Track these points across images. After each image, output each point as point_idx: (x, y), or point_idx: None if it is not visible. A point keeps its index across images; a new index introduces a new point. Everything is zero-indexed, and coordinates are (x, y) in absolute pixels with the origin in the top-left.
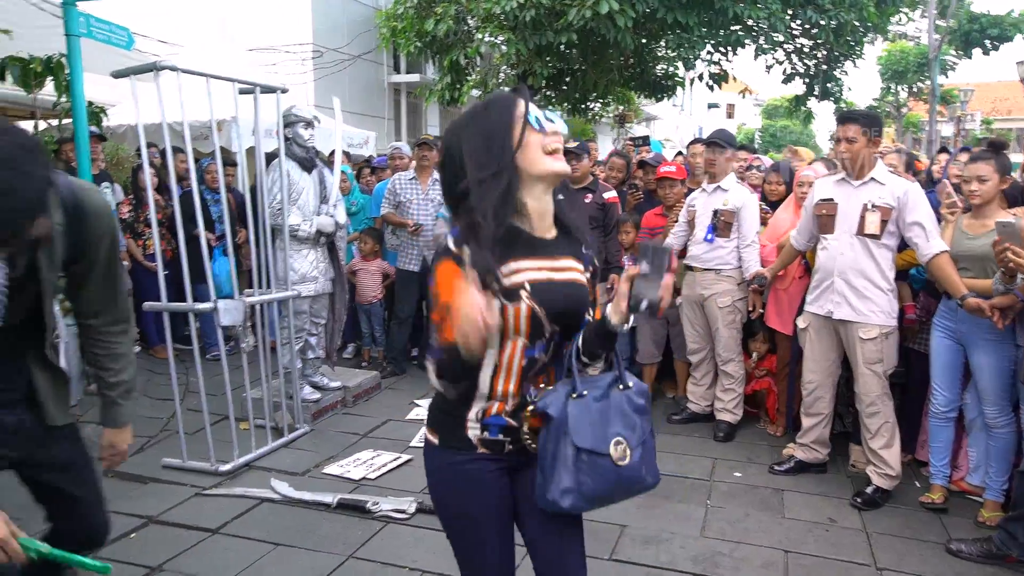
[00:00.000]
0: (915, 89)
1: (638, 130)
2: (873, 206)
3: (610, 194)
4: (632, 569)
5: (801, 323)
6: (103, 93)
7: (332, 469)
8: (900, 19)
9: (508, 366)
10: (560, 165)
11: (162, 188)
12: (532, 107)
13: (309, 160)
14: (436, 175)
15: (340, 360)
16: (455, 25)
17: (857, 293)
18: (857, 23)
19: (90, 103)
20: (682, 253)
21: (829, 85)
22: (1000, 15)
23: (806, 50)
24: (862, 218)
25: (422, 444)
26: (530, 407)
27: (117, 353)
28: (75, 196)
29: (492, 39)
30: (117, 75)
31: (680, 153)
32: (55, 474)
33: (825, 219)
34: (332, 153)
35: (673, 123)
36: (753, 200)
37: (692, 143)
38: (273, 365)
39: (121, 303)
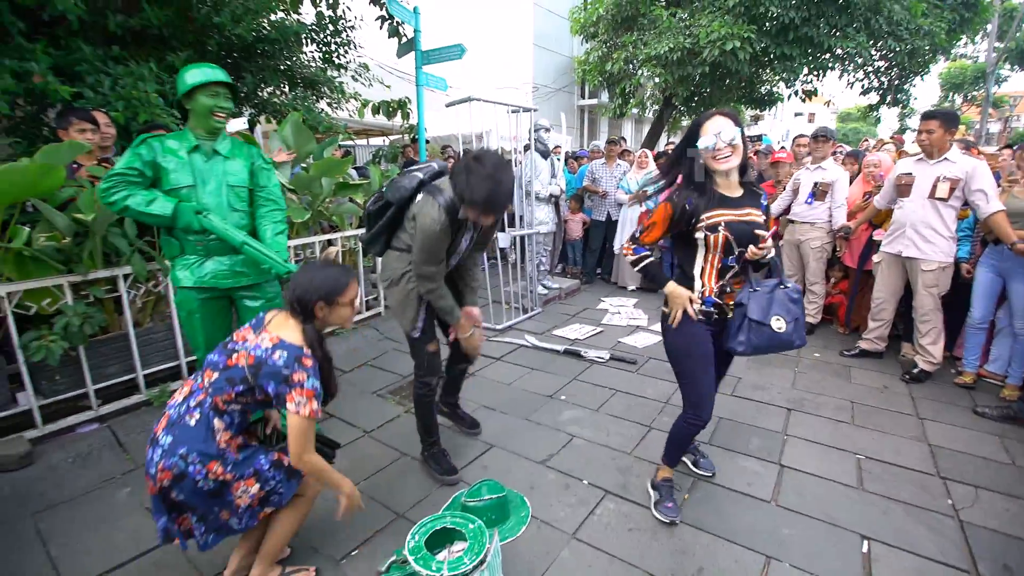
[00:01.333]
0: (970, 97)
1: (754, 130)
2: (944, 178)
3: None
4: (745, 403)
5: (876, 258)
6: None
7: (557, 332)
8: (962, 43)
9: (711, 269)
10: (721, 165)
11: None
12: (715, 133)
13: (546, 152)
14: (619, 160)
15: (556, 273)
16: (624, 65)
17: (923, 238)
18: (928, 48)
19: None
20: (786, 212)
21: (899, 96)
22: None
23: (882, 69)
24: (934, 186)
25: (608, 323)
26: (728, 294)
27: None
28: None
29: (649, 74)
30: (450, 105)
31: (783, 147)
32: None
33: (904, 187)
34: (556, 147)
35: (766, 127)
36: (845, 176)
37: (798, 137)
38: (522, 272)
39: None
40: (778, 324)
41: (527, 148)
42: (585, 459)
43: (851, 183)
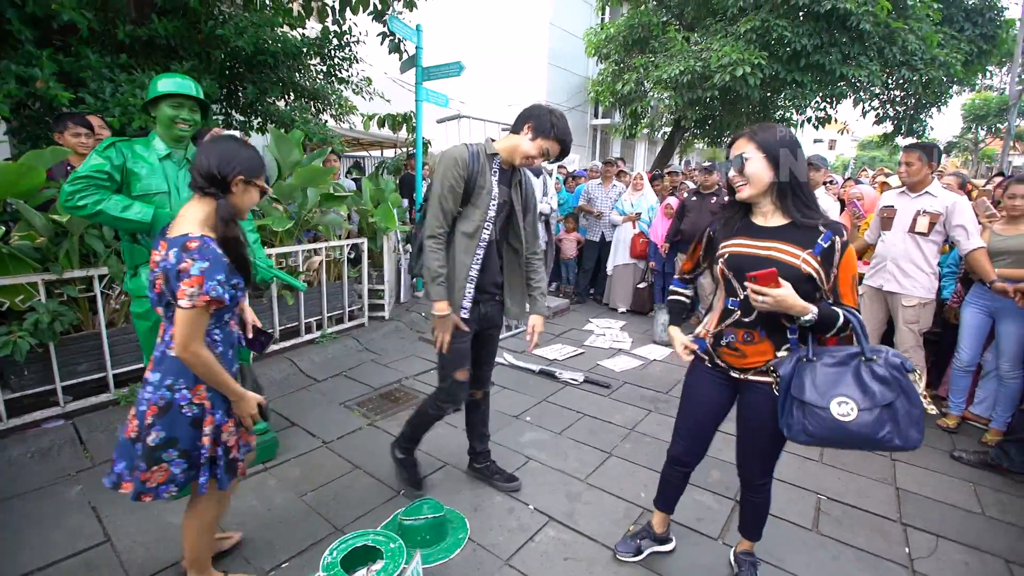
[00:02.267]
0: (994, 129)
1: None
2: (924, 212)
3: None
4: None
5: (860, 291)
6: (428, 132)
7: (538, 351)
8: (986, 75)
9: (716, 308)
10: (739, 195)
11: None
12: (730, 158)
13: (538, 170)
14: (615, 181)
15: (550, 291)
16: (635, 87)
17: (903, 273)
18: (945, 78)
19: (427, 142)
20: None
21: (915, 126)
22: None
23: (898, 99)
24: (914, 220)
25: (591, 345)
26: (724, 344)
27: (539, 270)
28: (527, 186)
29: (659, 96)
30: (440, 121)
31: None
32: (494, 329)
33: (885, 220)
34: (561, 166)
35: None
36: (835, 207)
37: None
38: None
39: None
40: (843, 410)
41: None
42: (536, 483)
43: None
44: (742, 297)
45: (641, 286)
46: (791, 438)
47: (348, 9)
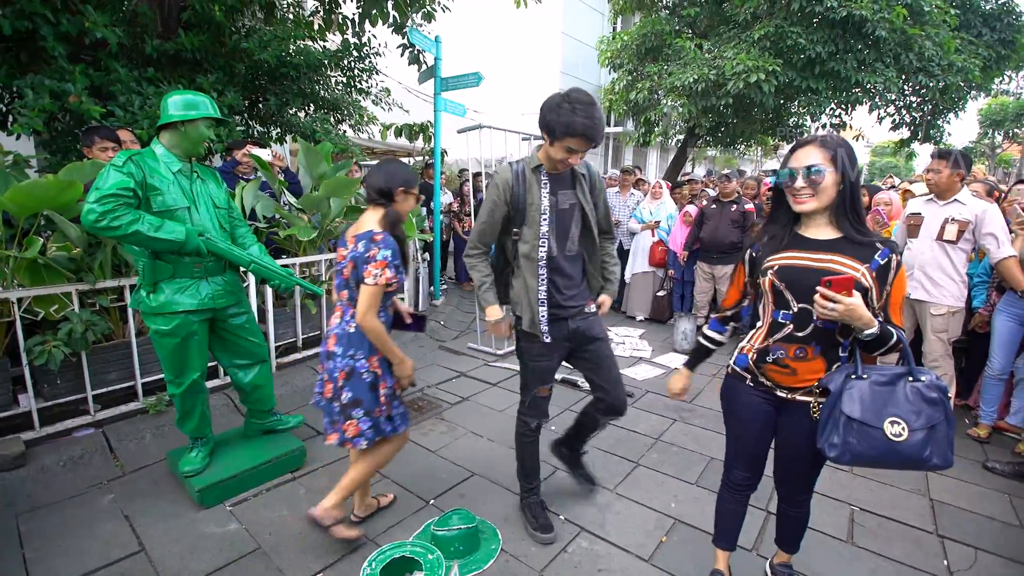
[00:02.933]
0: (1011, 134)
1: (769, 165)
2: (953, 220)
3: (748, 205)
4: None
5: None
6: (446, 141)
7: None
8: (1003, 80)
9: (763, 323)
10: (796, 206)
11: (474, 193)
12: (794, 167)
13: None
14: (633, 190)
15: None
16: (649, 95)
17: (932, 281)
18: (963, 84)
19: (444, 151)
20: None
21: (932, 132)
22: None
23: (914, 105)
24: (942, 228)
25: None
26: (771, 360)
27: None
28: (589, 167)
29: (673, 104)
30: (461, 131)
31: None
32: (597, 343)
33: (912, 227)
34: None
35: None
36: None
37: None
38: None
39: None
40: (895, 430)
41: None
42: (565, 493)
43: None
44: (796, 310)
45: (660, 294)
46: (834, 458)
47: (368, 21)
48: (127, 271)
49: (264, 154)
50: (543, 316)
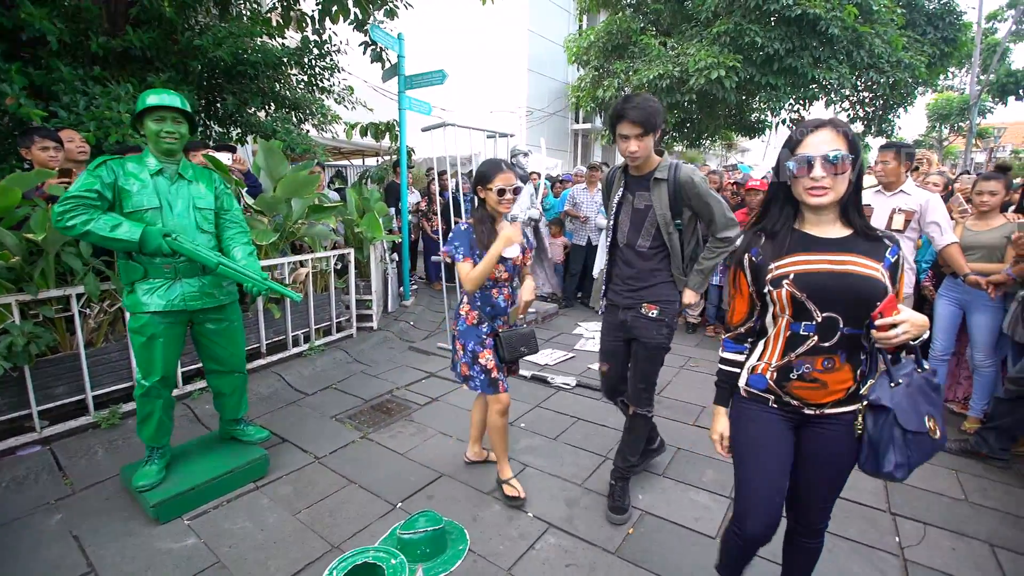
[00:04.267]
0: (956, 127)
1: (734, 159)
2: (900, 210)
3: None
4: (704, 433)
5: None
6: (412, 140)
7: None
8: (947, 76)
9: (775, 337)
10: (811, 199)
11: (441, 192)
12: (814, 154)
13: (524, 176)
14: (599, 186)
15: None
16: (616, 91)
17: None
18: (910, 80)
19: (411, 150)
20: None
21: (884, 126)
22: None
23: (867, 100)
24: (890, 218)
25: (581, 348)
26: (795, 377)
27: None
28: (676, 172)
29: None
30: (425, 130)
31: (765, 177)
32: (638, 344)
33: None
34: (534, 173)
35: (760, 153)
36: None
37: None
38: None
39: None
40: (932, 425)
41: (533, 174)
42: (535, 490)
43: None
44: (820, 320)
45: None
46: (902, 478)
47: (328, 19)
48: (72, 279)
49: (224, 158)
50: (601, 294)
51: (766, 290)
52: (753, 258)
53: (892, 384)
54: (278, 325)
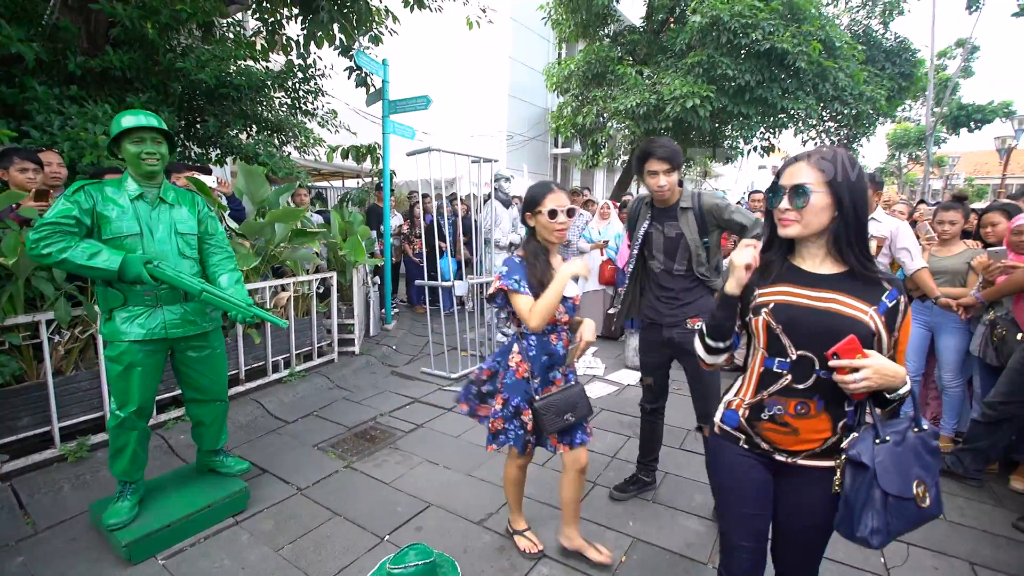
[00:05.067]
0: (914, 156)
1: (709, 185)
2: (872, 236)
3: None
4: (693, 457)
5: None
6: (394, 163)
7: None
8: (905, 108)
9: (751, 372)
10: (781, 229)
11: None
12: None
13: (507, 201)
14: (581, 210)
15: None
16: (595, 118)
17: None
18: (872, 111)
19: (393, 171)
20: None
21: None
22: (982, 104)
23: (832, 129)
24: None
25: None
26: (766, 418)
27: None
28: (699, 200)
29: (619, 127)
30: (410, 154)
31: (740, 201)
32: (690, 357)
33: None
34: (516, 197)
35: (732, 179)
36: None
37: (753, 192)
38: (480, 319)
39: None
40: (920, 492)
41: (488, 197)
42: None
43: None
44: (794, 358)
45: (611, 312)
46: (878, 545)
47: (313, 43)
48: (42, 304)
49: (209, 180)
50: (625, 316)
51: (748, 318)
52: None
53: (877, 440)
54: (258, 350)
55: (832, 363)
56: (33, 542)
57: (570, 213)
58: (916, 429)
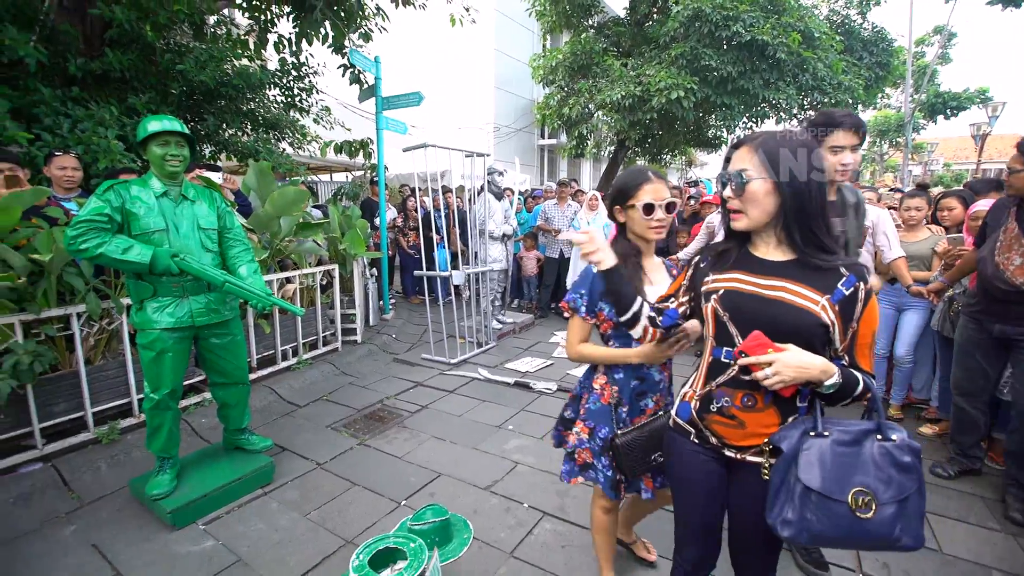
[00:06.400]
0: (895, 143)
1: (695, 174)
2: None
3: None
4: None
5: None
6: (385, 158)
7: (509, 365)
8: (884, 96)
9: (703, 363)
10: (732, 223)
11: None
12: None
13: (499, 194)
14: (570, 201)
15: (512, 308)
16: (581, 110)
17: None
18: (851, 100)
19: (385, 166)
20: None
21: None
22: (957, 92)
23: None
24: None
25: (559, 356)
26: (715, 410)
27: None
28: (858, 200)
29: (604, 118)
30: (406, 150)
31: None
32: None
33: None
34: (507, 189)
35: (717, 168)
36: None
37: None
38: (476, 307)
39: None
40: (861, 502)
41: (481, 190)
42: (527, 484)
43: None
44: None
45: None
46: (789, 537)
47: (304, 40)
48: (72, 298)
49: (216, 177)
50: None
51: (700, 304)
52: (701, 263)
53: (812, 433)
54: (268, 340)
55: (740, 361)
56: (81, 513)
57: (669, 208)
58: (880, 438)
